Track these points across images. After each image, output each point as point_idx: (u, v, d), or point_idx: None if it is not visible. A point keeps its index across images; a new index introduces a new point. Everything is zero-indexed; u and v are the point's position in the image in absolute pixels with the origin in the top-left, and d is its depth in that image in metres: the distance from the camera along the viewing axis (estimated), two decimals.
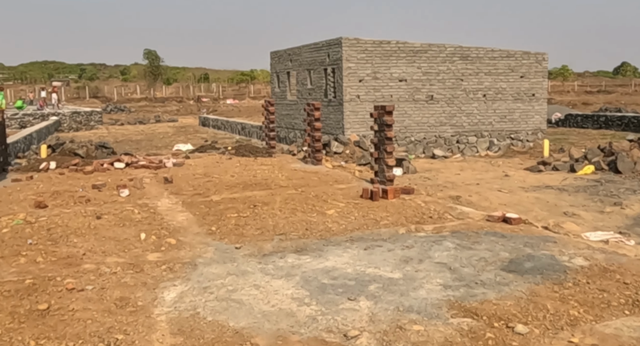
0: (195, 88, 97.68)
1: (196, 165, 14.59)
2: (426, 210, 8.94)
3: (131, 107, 62.20)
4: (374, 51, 21.30)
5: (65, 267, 6.45)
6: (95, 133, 36.09)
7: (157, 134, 35.01)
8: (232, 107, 62.14)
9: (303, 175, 12.49)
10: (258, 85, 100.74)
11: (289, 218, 8.37)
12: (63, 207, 9.79)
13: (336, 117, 21.54)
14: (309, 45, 23.55)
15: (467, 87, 22.69)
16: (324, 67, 22.34)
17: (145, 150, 26.35)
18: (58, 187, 11.71)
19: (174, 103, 70.27)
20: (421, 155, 21.11)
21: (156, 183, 11.99)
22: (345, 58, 20.88)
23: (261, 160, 15.27)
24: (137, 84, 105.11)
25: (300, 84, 24.71)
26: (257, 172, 13.07)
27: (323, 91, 22.68)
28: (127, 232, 7.89)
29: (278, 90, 27.18)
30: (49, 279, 6.04)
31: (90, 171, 13.65)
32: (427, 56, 22.07)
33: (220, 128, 35.93)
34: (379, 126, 11.13)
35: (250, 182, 11.64)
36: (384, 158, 11.10)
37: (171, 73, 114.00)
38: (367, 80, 21.27)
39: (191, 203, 9.77)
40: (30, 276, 6.14)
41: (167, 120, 46.50)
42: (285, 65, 26.06)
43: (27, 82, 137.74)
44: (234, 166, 14.19)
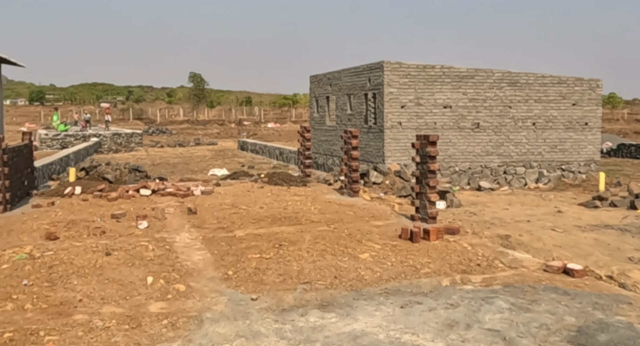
0: (238, 112, 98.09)
1: (225, 193, 13.78)
2: (473, 255, 7.86)
3: (173, 129, 62.42)
4: (417, 76, 20.34)
5: (54, 318, 5.60)
6: (134, 155, 35.87)
7: (195, 157, 34.57)
8: (273, 131, 61.77)
9: (337, 209, 11.52)
10: (300, 109, 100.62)
11: (316, 262, 7.40)
12: (75, 239, 9.04)
13: (376, 144, 20.58)
14: (349, 69, 22.74)
15: (516, 115, 21.49)
16: (364, 91, 21.47)
17: (180, 174, 25.82)
18: (76, 216, 11.01)
19: (216, 126, 70.39)
20: (466, 187, 19.92)
21: (179, 214, 11.18)
22: (387, 83, 19.97)
23: (294, 189, 14.37)
24: (181, 106, 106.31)
25: (340, 109, 23.88)
26: (289, 203, 12.17)
27: (363, 117, 21.78)
28: (134, 274, 7.03)
29: (317, 115, 26.40)
30: (31, 333, 5.19)
31: (115, 198, 12.96)
32: (474, 82, 21.00)
33: (258, 152, 35.31)
34: (422, 157, 10.12)
35: (280, 216, 10.73)
36: (426, 193, 10.06)
37: (215, 96, 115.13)
38: (410, 106, 20.29)
39: (212, 240, 8.89)
40: (11, 328, 5.31)
41: (206, 143, 46.24)
42: (325, 89, 25.29)
43: (76, 102, 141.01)
44: (264, 196, 13.32)
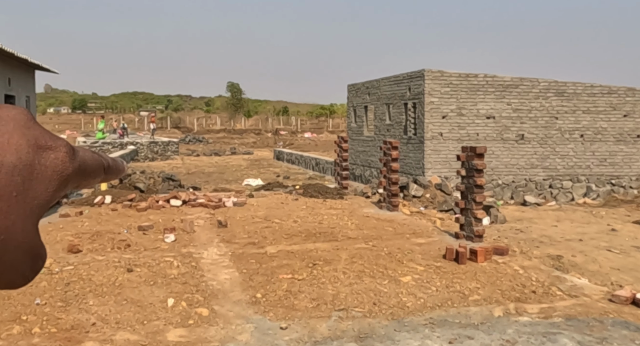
0: (274, 121, 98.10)
1: (258, 205, 13.23)
2: (526, 280, 7.10)
3: (209, 138, 62.50)
4: (459, 85, 19.56)
5: (62, 345, 5.05)
6: (169, 164, 35.75)
7: (230, 167, 34.24)
8: (310, 141, 61.31)
9: (376, 224, 10.84)
10: (337, 119, 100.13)
11: (353, 285, 6.74)
12: (98, 253, 8.56)
13: (416, 156, 19.83)
14: (389, 77, 22.07)
15: (563, 126, 20.51)
16: (404, 101, 20.77)
17: (214, 183, 25.45)
18: (103, 226, 10.58)
19: (252, 135, 70.32)
20: (510, 201, 19.01)
21: (209, 227, 10.65)
22: (428, 92, 19.24)
23: (330, 202, 13.74)
24: (219, 115, 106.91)
25: (378, 119, 23.20)
26: (324, 217, 11.54)
27: (402, 127, 21.07)
28: (155, 294, 6.48)
29: (354, 125, 25.76)
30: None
31: (144, 208, 12.52)
32: (518, 91, 20.11)
33: (294, 162, 34.81)
34: (467, 170, 9.39)
35: (315, 231, 10.10)
36: (472, 210, 9.32)
37: (252, 105, 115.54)
38: (451, 116, 19.50)
39: (241, 256, 8.30)
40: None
41: (242, 153, 46.00)
42: (363, 98, 24.66)
43: (116, 111, 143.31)
44: (299, 209, 12.73)
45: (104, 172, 0.54)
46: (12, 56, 13.19)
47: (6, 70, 13.58)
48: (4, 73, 13.39)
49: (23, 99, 15.04)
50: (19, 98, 14.53)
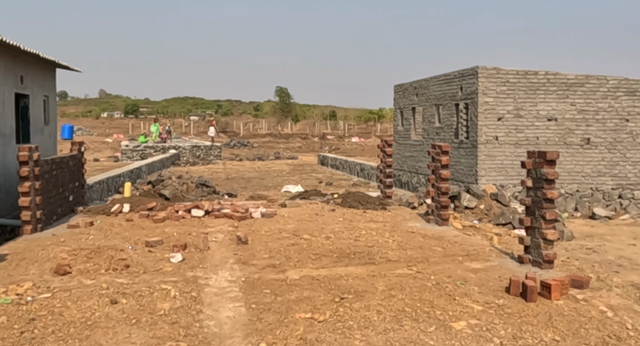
0: (322, 126, 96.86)
1: (289, 216, 11.74)
2: (620, 328, 5.38)
3: (255, 142, 61.54)
4: (517, 83, 17.68)
5: None
6: (210, 169, 34.69)
7: (272, 172, 32.93)
8: (357, 146, 59.70)
9: (422, 242, 9.20)
10: (385, 123, 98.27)
11: (389, 332, 5.14)
12: (89, 275, 7.21)
13: (468, 162, 18.03)
14: (438, 76, 20.32)
15: (635, 130, 18.38)
16: (455, 101, 19.00)
17: (252, 189, 24.15)
18: (108, 241, 9.27)
19: (298, 139, 69.16)
20: (575, 214, 17.01)
21: (227, 243, 9.20)
22: (482, 91, 17.43)
23: (371, 214, 12.14)
24: (266, 120, 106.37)
25: (427, 122, 21.46)
26: (362, 232, 9.95)
27: (453, 130, 19.29)
28: (132, 338, 5.04)
29: (401, 129, 24.06)
30: None
31: (161, 219, 11.19)
32: (584, 90, 18.10)
33: (339, 168, 33.27)
34: (535, 181, 7.68)
35: (349, 250, 8.54)
36: (540, 229, 7.60)
37: (300, 110, 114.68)
38: (508, 118, 17.64)
39: (255, 284, 6.81)
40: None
41: (286, 157, 44.72)
42: (410, 100, 22.93)
43: (167, 115, 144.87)
44: (334, 221, 11.18)
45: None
46: (25, 52, 12.07)
47: (18, 66, 12.48)
48: (16, 70, 12.29)
49: (40, 99, 13.94)
50: (34, 97, 13.43)
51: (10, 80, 11.93)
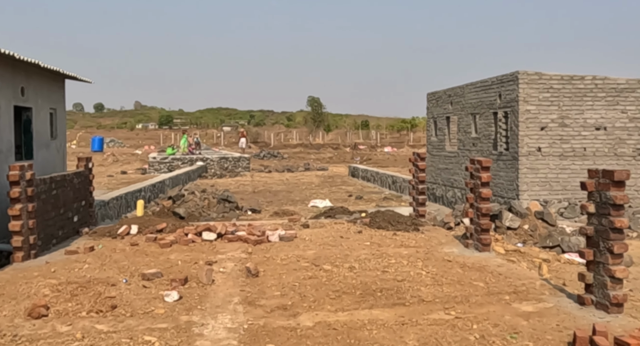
0: (354, 135, 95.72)
1: (310, 240, 10.54)
2: None
3: (285, 153, 60.60)
4: (561, 89, 16.23)
5: None
6: (237, 181, 33.73)
7: (300, 184, 31.80)
8: (389, 156, 58.30)
9: (460, 275, 7.90)
10: (418, 133, 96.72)
11: None
12: (66, 319, 6.13)
13: (508, 175, 16.60)
14: (475, 83, 18.94)
15: None
16: (493, 110, 17.60)
17: (278, 204, 23.02)
18: (102, 272, 8.20)
19: (330, 150, 68.02)
20: (630, 233, 15.41)
21: (235, 275, 8.04)
22: (523, 98, 16.02)
23: (402, 236, 10.87)
24: (298, 129, 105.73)
25: (462, 132, 20.07)
26: (392, 261, 8.70)
27: (491, 141, 17.89)
28: None
29: (435, 139, 22.68)
30: None
31: (168, 243, 10.11)
32: (636, 96, 16.54)
33: (369, 180, 31.99)
34: (598, 206, 6.34)
35: (375, 286, 7.30)
36: (606, 264, 6.27)
37: (332, 120, 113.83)
38: (552, 127, 16.19)
39: (258, 334, 5.62)
40: None
41: (316, 169, 43.56)
42: (445, 108, 21.57)
43: (200, 126, 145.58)
44: (361, 246, 9.95)
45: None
46: (24, 62, 11.13)
47: (18, 77, 11.54)
48: (15, 81, 11.36)
49: (46, 112, 13.02)
50: (38, 110, 12.51)
51: (7, 92, 11.00)
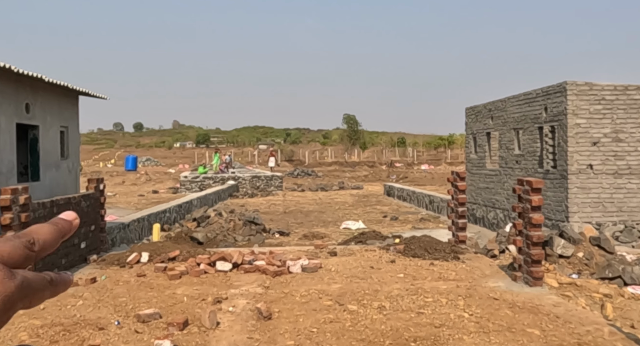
0: (390, 153, 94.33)
1: (337, 271, 9.39)
2: None
3: (320, 171, 59.63)
4: (614, 101, 14.82)
5: None
6: (268, 201, 32.75)
7: (334, 204, 30.65)
8: (426, 173, 56.80)
9: (511, 319, 6.64)
10: (456, 150, 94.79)
11: None
12: None
13: (556, 195, 15.19)
14: (517, 96, 17.60)
15: None
16: (538, 124, 16.24)
17: (309, 226, 21.91)
18: (96, 311, 7.19)
19: (365, 167, 66.81)
20: None
21: (246, 316, 6.92)
22: (572, 111, 14.66)
23: (440, 266, 9.63)
24: (334, 147, 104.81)
25: (504, 149, 18.71)
26: (428, 299, 7.49)
27: (537, 158, 16.50)
28: None
29: (474, 156, 21.33)
30: None
31: (178, 275, 9.08)
32: None
33: (405, 199, 30.65)
34: None
35: (408, 334, 6.10)
36: None
37: (368, 137, 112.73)
38: (605, 142, 14.77)
39: None
40: None
41: (351, 187, 42.40)
42: (485, 124, 20.23)
43: (237, 144, 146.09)
44: (393, 279, 8.76)
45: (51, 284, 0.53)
46: (32, 77, 10.31)
47: (22, 93, 10.72)
48: (18, 97, 10.53)
49: (55, 129, 12.20)
50: (47, 128, 11.69)
51: (9, 108, 10.18)
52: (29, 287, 0.51)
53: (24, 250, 0.55)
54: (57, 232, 0.60)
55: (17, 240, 0.56)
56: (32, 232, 0.58)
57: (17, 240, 0.56)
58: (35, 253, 0.56)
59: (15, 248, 0.54)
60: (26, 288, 0.50)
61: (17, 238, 0.56)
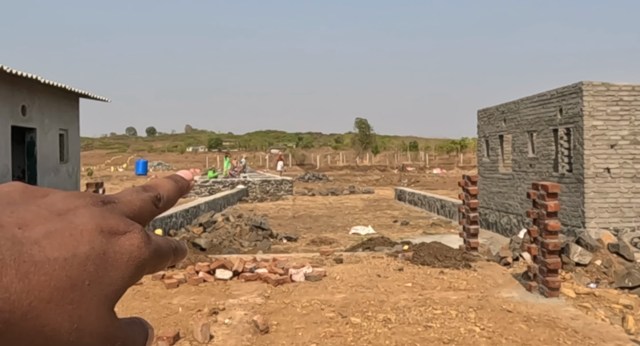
0: (402, 157, 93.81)
1: (342, 279, 8.97)
2: None
3: (331, 175, 59.23)
4: (633, 102, 14.30)
5: None
6: (277, 205, 32.39)
7: (344, 208, 30.22)
8: (438, 177, 56.24)
9: (525, 333, 6.18)
10: (469, 153, 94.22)
11: None
12: None
13: (572, 200, 14.68)
14: (531, 97, 17.10)
15: None
16: (553, 127, 15.74)
17: (317, 230, 21.50)
18: None
19: (377, 172, 66.33)
20: None
21: (242, 329, 6.52)
22: (588, 112, 14.15)
23: (451, 275, 9.18)
24: (345, 151, 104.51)
25: (518, 152, 18.20)
26: (437, 311, 7.04)
27: (551, 161, 15.99)
28: None
29: (487, 160, 20.82)
30: None
31: (175, 283, 8.70)
32: None
33: (417, 203, 30.16)
34: None
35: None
36: None
37: (380, 141, 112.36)
38: (623, 145, 14.25)
39: None
40: None
41: (362, 192, 41.94)
42: (497, 126, 19.73)
43: (249, 149, 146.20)
44: (401, 289, 8.32)
45: (174, 253, 0.52)
46: (29, 79, 9.96)
47: (18, 95, 10.36)
48: (14, 99, 10.18)
49: (54, 132, 11.85)
50: (45, 131, 11.33)
51: (4, 111, 9.83)
52: (160, 254, 0.48)
53: (151, 206, 0.52)
54: (178, 189, 0.56)
55: (146, 194, 0.52)
56: (158, 186, 0.54)
57: (146, 194, 0.52)
58: (158, 210, 0.53)
59: (145, 203, 0.51)
60: (157, 255, 0.48)
61: (145, 191, 0.52)
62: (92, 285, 0.44)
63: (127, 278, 0.46)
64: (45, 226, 0.45)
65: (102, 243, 0.45)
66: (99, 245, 0.45)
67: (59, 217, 0.46)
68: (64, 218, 0.46)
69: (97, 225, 0.46)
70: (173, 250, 0.53)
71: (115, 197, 0.51)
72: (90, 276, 0.44)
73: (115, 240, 0.46)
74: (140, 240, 0.47)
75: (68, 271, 0.43)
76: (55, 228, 0.45)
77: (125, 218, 0.48)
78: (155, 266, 0.50)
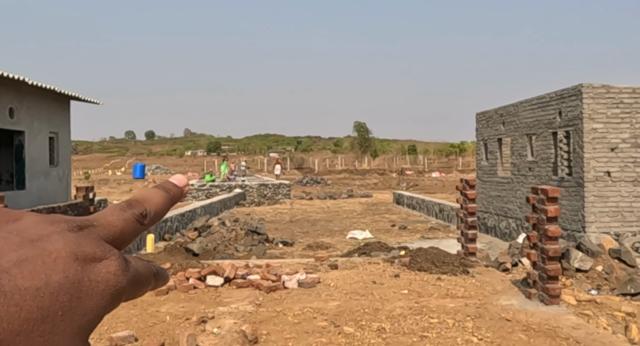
0: (401, 161, 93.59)
1: (336, 286, 8.73)
2: None
3: (330, 179, 58.96)
4: (633, 104, 14.08)
5: None
6: (275, 209, 32.14)
7: (342, 212, 29.97)
8: (437, 181, 55.99)
9: (524, 344, 5.94)
10: (468, 157, 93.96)
11: None
12: None
13: (572, 204, 14.44)
14: (530, 100, 16.88)
15: None
16: (552, 130, 15.51)
17: (314, 235, 21.26)
18: None
19: (376, 175, 66.08)
20: None
21: (231, 339, 6.27)
22: (588, 115, 13.93)
23: (448, 281, 8.94)
24: (344, 155, 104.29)
25: (517, 155, 17.98)
26: (433, 320, 6.79)
27: (551, 165, 15.76)
28: None
29: (486, 163, 20.60)
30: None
31: (165, 290, 8.45)
32: None
33: (415, 207, 29.92)
34: None
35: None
36: None
37: (379, 145, 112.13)
38: (624, 148, 14.02)
39: None
40: None
41: (360, 195, 41.68)
42: (496, 129, 19.51)
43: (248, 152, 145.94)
44: (396, 296, 8.08)
45: (155, 278, 0.51)
46: (17, 81, 9.73)
47: (6, 97, 10.13)
48: (2, 101, 9.98)
49: (44, 136, 11.62)
50: (34, 134, 11.10)
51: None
52: (138, 281, 0.47)
53: (135, 225, 0.50)
54: (169, 200, 0.55)
55: (129, 212, 0.51)
56: (144, 200, 0.53)
57: (129, 212, 0.51)
58: (144, 227, 0.52)
59: (128, 223, 0.50)
60: (136, 282, 0.47)
61: (129, 208, 0.51)
62: (65, 315, 0.41)
63: (102, 307, 0.44)
64: (16, 253, 0.42)
65: (76, 271, 0.43)
66: (74, 273, 0.43)
67: (32, 243, 0.43)
68: (37, 245, 0.43)
69: (71, 252, 0.43)
70: (154, 275, 0.50)
71: (95, 219, 0.48)
72: (64, 306, 0.41)
73: (91, 268, 0.43)
74: (118, 267, 0.44)
75: (39, 301, 0.41)
76: (27, 256, 0.42)
77: (102, 244, 0.45)
78: (134, 293, 0.47)
